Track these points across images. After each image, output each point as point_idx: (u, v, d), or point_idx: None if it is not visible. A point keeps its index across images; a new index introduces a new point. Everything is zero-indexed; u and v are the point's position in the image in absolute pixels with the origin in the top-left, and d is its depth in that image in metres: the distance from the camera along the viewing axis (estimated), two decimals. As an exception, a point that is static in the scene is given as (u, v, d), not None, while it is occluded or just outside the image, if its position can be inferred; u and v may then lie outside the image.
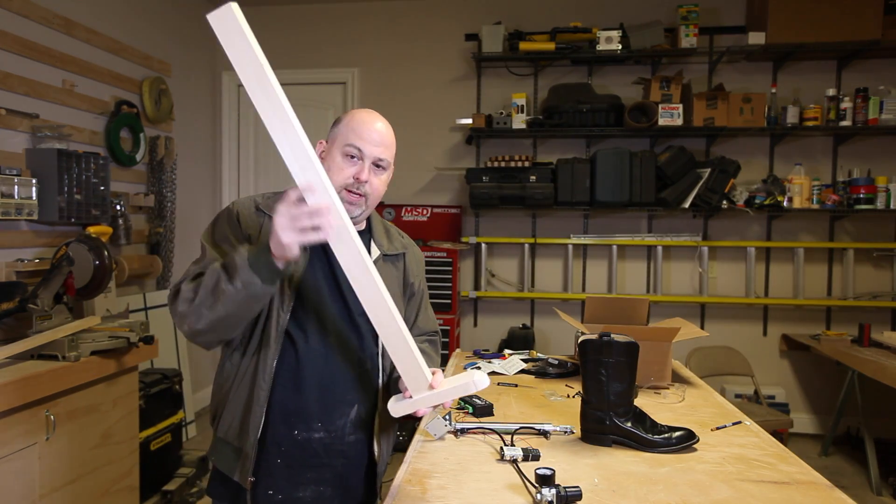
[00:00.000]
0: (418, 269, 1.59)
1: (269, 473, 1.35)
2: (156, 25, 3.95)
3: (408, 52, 4.52)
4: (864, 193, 3.86)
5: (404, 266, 1.54)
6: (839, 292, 4.16)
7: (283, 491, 1.35)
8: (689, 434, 1.48)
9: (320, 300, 1.37)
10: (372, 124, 1.38)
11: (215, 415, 1.41)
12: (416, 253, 1.59)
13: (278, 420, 1.34)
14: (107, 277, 2.60)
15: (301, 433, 1.34)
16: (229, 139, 4.76)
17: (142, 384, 2.88)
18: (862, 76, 4.05)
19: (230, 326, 1.26)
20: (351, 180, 1.35)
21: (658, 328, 2.17)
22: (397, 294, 1.50)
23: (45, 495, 2.13)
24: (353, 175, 1.35)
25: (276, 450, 1.34)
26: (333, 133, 1.41)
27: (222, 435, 1.38)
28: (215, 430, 1.41)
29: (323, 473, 1.37)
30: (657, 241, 4.22)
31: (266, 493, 1.34)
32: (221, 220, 1.39)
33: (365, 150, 1.35)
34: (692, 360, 3.64)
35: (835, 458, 3.82)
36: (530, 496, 1.21)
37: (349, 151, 1.35)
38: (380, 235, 1.51)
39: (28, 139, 2.86)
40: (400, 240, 1.57)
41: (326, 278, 1.39)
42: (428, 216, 4.38)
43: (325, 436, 1.36)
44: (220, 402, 1.39)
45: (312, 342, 1.36)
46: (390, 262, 1.49)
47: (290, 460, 1.35)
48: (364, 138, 1.36)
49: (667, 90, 4.01)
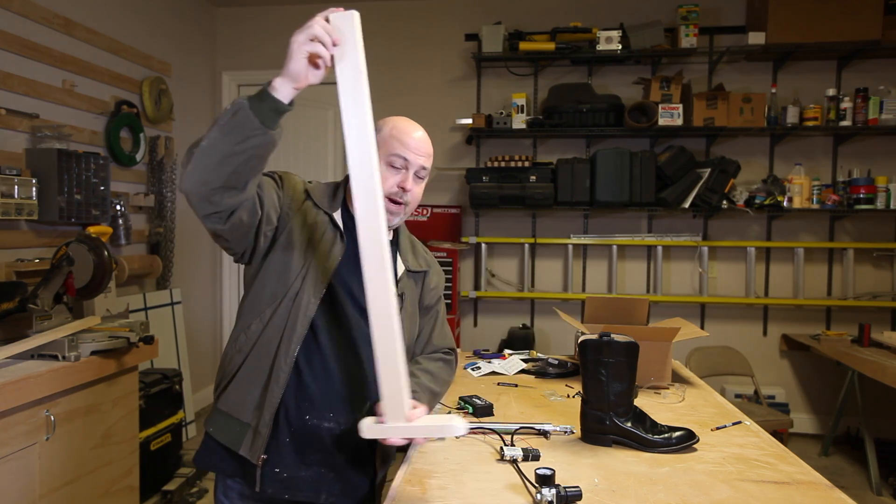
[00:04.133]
0: (437, 288, 1.59)
1: (277, 451, 1.36)
2: (156, 25, 3.95)
3: (408, 52, 4.52)
4: (864, 193, 3.86)
5: (423, 284, 1.54)
6: (839, 292, 4.16)
7: (288, 469, 1.36)
8: (689, 434, 1.48)
9: (349, 295, 1.39)
10: (415, 133, 1.40)
11: (219, 385, 1.41)
12: (437, 271, 1.61)
13: (291, 403, 1.35)
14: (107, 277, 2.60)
15: (312, 420, 1.36)
16: (229, 139, 4.76)
17: (142, 384, 2.88)
18: (862, 76, 4.05)
19: (234, 171, 1.14)
20: (395, 189, 1.37)
21: (658, 328, 2.17)
22: (416, 311, 1.51)
23: (44, 495, 2.13)
24: (397, 184, 1.37)
25: (287, 430, 1.36)
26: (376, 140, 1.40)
27: (226, 408, 1.37)
28: (217, 400, 1.40)
29: (327, 459, 1.38)
30: (657, 241, 4.22)
31: (272, 471, 1.35)
32: (270, 177, 1.39)
33: (410, 159, 1.38)
34: (692, 360, 3.64)
35: (835, 458, 3.82)
36: (530, 496, 1.21)
37: (394, 161, 1.37)
38: (406, 250, 1.51)
39: (28, 139, 2.86)
40: (424, 256, 1.57)
41: (355, 277, 1.37)
42: (428, 216, 4.38)
43: (334, 426, 1.37)
44: (229, 374, 1.38)
45: (335, 334, 1.37)
46: (412, 278, 1.50)
47: (297, 440, 1.36)
48: (410, 147, 1.38)
49: (667, 90, 4.01)
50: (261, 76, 4.68)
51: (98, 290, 2.62)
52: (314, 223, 1.39)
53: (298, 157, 4.74)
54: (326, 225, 1.40)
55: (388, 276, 1.15)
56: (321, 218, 1.40)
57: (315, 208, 1.40)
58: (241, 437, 1.34)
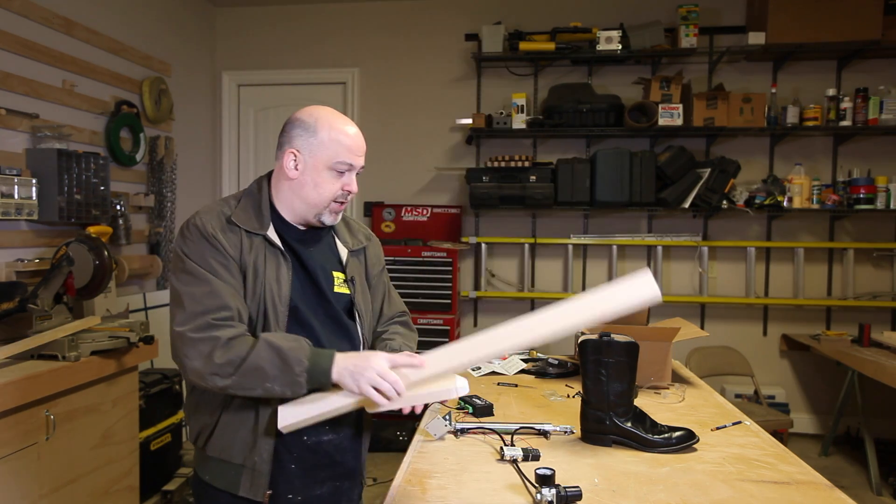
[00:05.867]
0: (378, 259, 1.59)
1: (285, 480, 1.34)
2: (156, 25, 3.95)
3: (408, 52, 4.52)
4: (864, 193, 3.86)
5: (365, 258, 1.54)
6: (839, 292, 4.16)
7: (300, 492, 1.36)
8: (689, 434, 1.48)
9: (310, 310, 1.37)
10: (355, 135, 1.39)
11: (201, 434, 1.35)
12: (375, 242, 1.60)
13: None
14: (107, 277, 2.60)
15: (310, 438, 1.35)
16: (229, 139, 4.76)
17: (142, 384, 2.87)
18: (862, 76, 4.05)
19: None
20: (340, 192, 1.37)
21: (658, 328, 2.17)
22: (366, 287, 1.52)
23: (45, 495, 2.13)
24: (342, 188, 1.37)
25: (289, 457, 1.34)
26: (311, 144, 1.35)
27: (217, 454, 1.33)
28: (204, 448, 1.35)
29: (337, 470, 1.39)
30: (657, 241, 4.22)
31: (286, 498, 1.34)
32: (198, 243, 1.30)
33: (355, 163, 1.38)
34: (692, 360, 3.64)
35: (835, 458, 3.82)
36: (530, 496, 1.21)
37: (340, 168, 1.36)
38: (342, 231, 1.51)
39: (28, 139, 2.86)
40: (361, 231, 1.58)
41: (309, 286, 1.39)
42: (428, 216, 4.38)
43: (333, 437, 1.37)
44: (209, 423, 1.34)
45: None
46: (354, 256, 1.50)
47: (303, 463, 1.36)
48: (354, 152, 1.37)
49: (667, 90, 4.01)
50: (261, 76, 4.68)
51: (98, 290, 2.62)
52: (252, 253, 1.33)
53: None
54: (263, 247, 1.34)
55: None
56: (256, 242, 1.34)
57: (246, 234, 1.34)
58: (238, 478, 1.31)
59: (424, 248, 4.07)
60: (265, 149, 4.79)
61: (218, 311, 1.24)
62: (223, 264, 1.29)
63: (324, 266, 1.42)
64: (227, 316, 1.25)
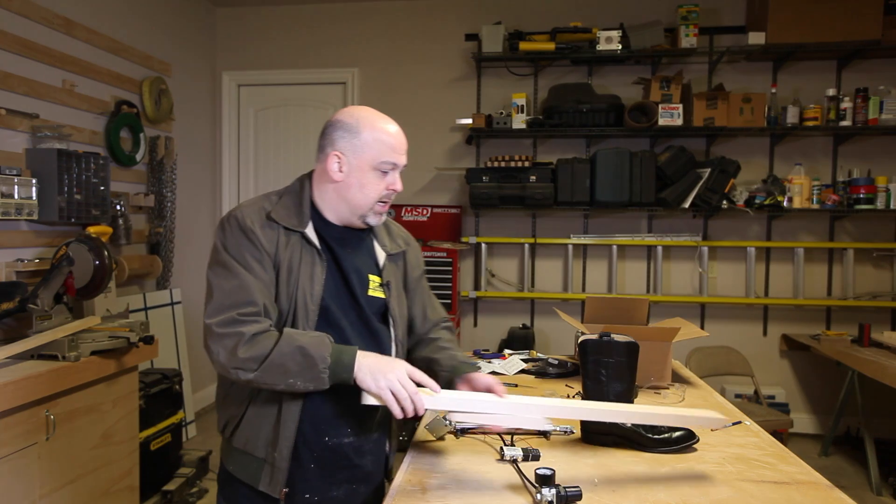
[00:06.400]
0: (417, 263, 1.59)
1: (303, 479, 1.35)
2: (156, 25, 3.95)
3: (408, 52, 4.52)
4: (864, 193, 3.86)
5: (405, 263, 1.54)
6: (839, 292, 4.16)
7: (318, 492, 1.36)
8: (689, 434, 1.48)
9: (341, 310, 1.37)
10: (397, 133, 1.38)
11: (228, 425, 1.38)
12: (415, 246, 1.60)
13: (309, 428, 1.34)
14: (107, 277, 2.60)
15: (332, 439, 1.36)
16: (229, 139, 4.76)
17: (142, 384, 2.88)
18: (862, 76, 4.05)
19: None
20: (385, 192, 1.37)
21: (658, 328, 2.17)
22: (402, 292, 1.51)
23: (45, 495, 2.13)
24: (387, 187, 1.37)
25: (309, 456, 1.35)
26: (354, 146, 1.35)
27: (241, 446, 1.35)
28: (230, 439, 1.38)
29: (355, 473, 1.40)
30: (657, 241, 4.22)
31: (303, 498, 1.35)
32: (236, 235, 1.32)
33: (399, 162, 1.37)
34: (692, 360, 3.64)
35: (835, 458, 3.82)
36: (530, 496, 1.21)
37: (383, 168, 1.35)
38: (382, 235, 1.50)
39: (28, 139, 2.86)
40: (401, 235, 1.57)
41: (342, 288, 1.39)
42: (428, 216, 4.38)
43: (354, 440, 1.38)
44: (236, 414, 1.36)
45: None
46: (393, 261, 1.50)
47: (322, 463, 1.36)
48: (397, 150, 1.37)
49: (667, 90, 4.01)
50: (261, 76, 4.68)
51: (98, 290, 2.62)
52: (289, 250, 1.34)
53: (298, 157, 4.74)
54: (300, 245, 1.35)
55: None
56: (293, 239, 1.35)
57: (285, 231, 1.35)
58: (259, 472, 1.33)
59: (424, 248, 4.07)
60: (265, 149, 4.79)
61: (244, 306, 1.26)
62: (257, 259, 1.31)
63: (359, 268, 1.42)
64: (253, 311, 1.27)
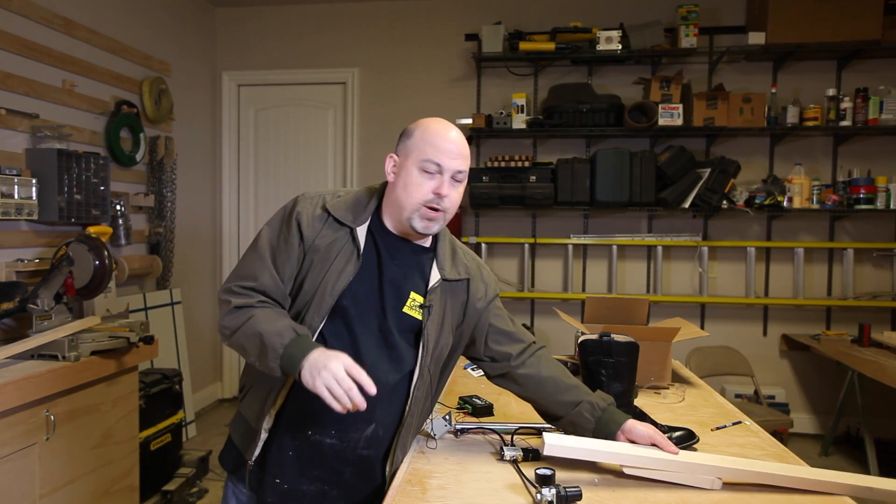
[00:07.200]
0: (484, 294, 1.48)
1: (279, 463, 1.36)
2: (156, 25, 3.95)
3: (408, 53, 4.52)
4: (864, 193, 3.86)
5: (469, 293, 1.45)
6: (839, 292, 4.16)
7: (289, 481, 1.36)
8: (689, 434, 1.48)
9: (360, 315, 1.35)
10: (447, 135, 1.33)
11: (243, 387, 1.46)
12: (483, 276, 1.49)
13: (296, 417, 1.35)
14: (107, 277, 2.60)
15: (314, 435, 1.36)
16: (229, 139, 4.76)
17: (142, 384, 2.88)
18: (862, 76, 4.05)
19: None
20: (431, 196, 1.31)
21: (658, 328, 2.17)
22: (448, 323, 1.42)
23: (45, 495, 2.13)
24: (432, 190, 1.31)
25: (290, 444, 1.36)
26: (406, 146, 1.35)
27: (243, 411, 1.44)
28: (240, 403, 1.47)
29: (330, 475, 1.37)
30: (657, 241, 4.22)
31: (273, 481, 1.36)
32: (283, 220, 1.38)
33: (444, 164, 1.31)
34: (692, 360, 3.64)
35: (835, 458, 3.82)
36: (530, 496, 1.21)
37: (427, 167, 1.31)
38: (444, 258, 1.43)
39: (28, 139, 2.86)
40: (466, 264, 1.46)
41: (373, 294, 1.36)
42: (428, 216, 4.38)
43: (336, 443, 1.36)
44: (250, 381, 1.44)
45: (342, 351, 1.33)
46: (448, 288, 1.42)
47: (301, 455, 1.36)
48: (442, 151, 1.31)
49: (667, 90, 4.01)
50: (261, 76, 4.68)
51: (98, 291, 2.62)
52: (332, 242, 1.35)
53: (299, 158, 4.74)
54: (345, 242, 1.36)
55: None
56: (340, 234, 1.36)
57: (336, 224, 1.36)
58: (250, 442, 1.38)
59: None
60: (265, 149, 4.79)
61: (246, 279, 1.34)
62: (286, 248, 1.35)
63: (401, 282, 1.37)
64: (250, 286, 1.33)
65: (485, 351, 1.50)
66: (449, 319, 1.42)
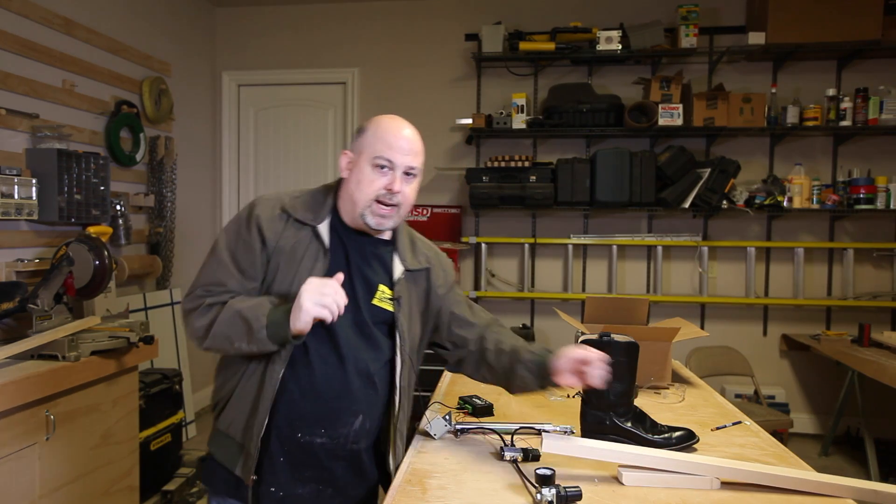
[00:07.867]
0: (445, 281, 1.54)
1: (271, 471, 1.36)
2: (156, 25, 3.95)
3: (408, 53, 4.52)
4: (864, 193, 3.86)
5: (429, 281, 1.50)
6: (839, 292, 4.16)
7: (284, 488, 1.36)
8: (689, 434, 1.48)
9: None
10: (399, 132, 1.36)
11: (217, 405, 1.42)
12: (442, 264, 1.56)
13: (283, 422, 1.35)
14: (107, 277, 2.60)
15: (304, 436, 1.35)
16: (229, 139, 4.76)
17: (142, 384, 2.88)
18: (862, 76, 4.05)
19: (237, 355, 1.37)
20: (382, 191, 1.34)
21: (658, 328, 2.17)
22: (416, 311, 1.47)
23: (45, 495, 2.13)
24: (384, 186, 1.34)
25: (280, 450, 1.36)
26: (359, 143, 1.38)
27: (224, 428, 1.39)
28: (216, 420, 1.42)
29: (323, 475, 1.38)
30: (657, 241, 4.22)
31: (268, 490, 1.36)
32: (241, 224, 1.38)
33: (395, 161, 1.34)
34: (692, 360, 3.64)
35: (835, 458, 3.82)
36: (530, 496, 1.21)
37: (379, 163, 1.34)
38: (405, 249, 1.47)
39: (28, 139, 2.86)
40: (425, 253, 1.52)
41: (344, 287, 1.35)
42: (428, 216, 4.38)
43: (327, 441, 1.36)
44: (225, 397, 1.40)
45: (322, 350, 1.35)
46: (412, 278, 1.46)
47: (292, 459, 1.36)
48: (394, 148, 1.34)
49: (667, 90, 4.01)
50: (261, 76, 4.68)
51: (98, 291, 2.62)
52: (296, 243, 1.36)
53: (299, 157, 4.74)
54: (309, 240, 1.37)
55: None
56: (303, 234, 1.37)
57: (297, 224, 1.38)
58: (237, 457, 1.35)
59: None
60: (265, 148, 4.79)
61: (212, 286, 1.36)
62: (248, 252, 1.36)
63: (368, 275, 1.41)
64: (219, 291, 1.35)
65: (447, 335, 1.55)
66: (416, 308, 1.47)
